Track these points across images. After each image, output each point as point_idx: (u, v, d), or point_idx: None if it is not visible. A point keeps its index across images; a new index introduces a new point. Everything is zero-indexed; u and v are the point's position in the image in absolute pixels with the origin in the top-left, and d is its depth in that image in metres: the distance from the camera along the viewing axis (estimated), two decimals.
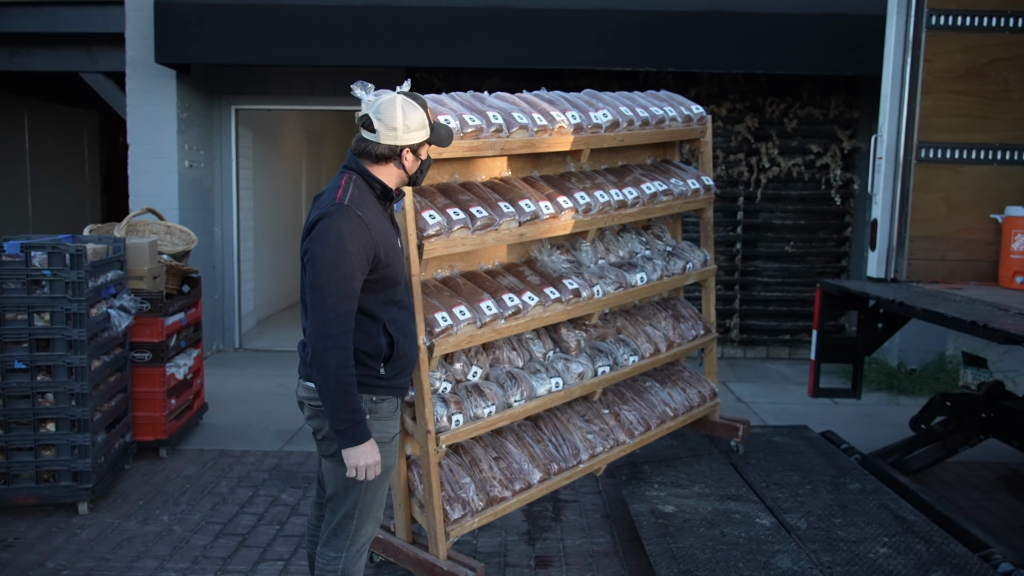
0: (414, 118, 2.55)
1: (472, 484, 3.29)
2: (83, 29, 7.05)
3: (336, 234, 2.41)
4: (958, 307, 3.63)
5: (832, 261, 7.82)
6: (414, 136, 2.55)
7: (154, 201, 6.51)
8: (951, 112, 4.56)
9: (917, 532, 3.44)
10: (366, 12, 6.42)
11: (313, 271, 2.43)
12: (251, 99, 7.77)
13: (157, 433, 4.82)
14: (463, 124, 3.16)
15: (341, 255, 2.41)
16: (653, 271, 4.05)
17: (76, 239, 4.45)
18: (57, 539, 3.80)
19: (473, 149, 3.23)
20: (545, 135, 3.50)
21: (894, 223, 4.62)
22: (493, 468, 3.40)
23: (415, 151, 2.59)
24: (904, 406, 6.08)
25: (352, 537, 2.65)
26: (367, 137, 2.56)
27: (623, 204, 3.84)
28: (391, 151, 2.55)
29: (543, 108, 3.56)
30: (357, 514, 2.63)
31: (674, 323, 4.31)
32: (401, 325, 2.66)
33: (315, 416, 2.62)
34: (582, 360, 3.71)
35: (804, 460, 4.35)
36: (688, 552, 3.27)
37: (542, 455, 3.56)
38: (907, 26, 4.52)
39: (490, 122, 3.27)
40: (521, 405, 3.39)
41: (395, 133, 2.52)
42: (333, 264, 2.40)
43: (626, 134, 3.90)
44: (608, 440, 3.81)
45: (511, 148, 3.38)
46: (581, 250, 3.91)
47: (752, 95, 7.61)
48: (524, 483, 3.43)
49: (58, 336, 3.95)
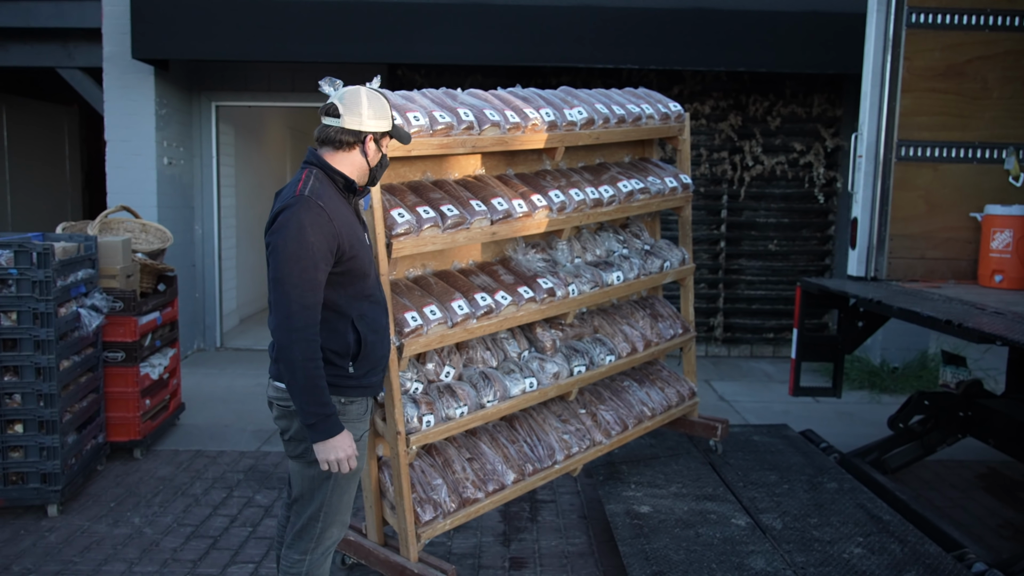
0: (378, 107, 2.55)
1: (444, 485, 3.25)
2: (59, 24, 6.95)
3: (297, 225, 2.38)
4: (935, 306, 3.61)
5: (816, 259, 7.82)
6: (377, 124, 2.55)
7: (132, 198, 6.44)
8: (931, 110, 4.55)
9: (892, 532, 3.42)
10: (347, 8, 6.35)
11: (275, 264, 2.39)
12: (231, 95, 7.69)
13: (131, 434, 4.76)
14: (433, 121, 3.12)
15: (303, 246, 2.38)
16: (630, 270, 4.02)
17: (47, 237, 4.38)
18: (24, 542, 3.73)
19: (443, 147, 3.18)
20: (518, 132, 3.46)
21: (874, 221, 4.61)
22: (466, 469, 3.36)
23: (377, 141, 2.58)
24: (886, 404, 6.08)
25: (317, 540, 2.61)
26: (329, 123, 2.54)
27: (599, 202, 3.80)
28: (355, 137, 2.53)
29: (516, 105, 3.52)
30: (323, 516, 2.59)
31: (652, 322, 4.28)
32: (370, 321, 2.61)
33: (283, 416, 2.58)
34: (557, 360, 3.68)
35: (782, 459, 4.33)
36: (662, 553, 3.24)
37: (517, 456, 3.53)
38: (887, 24, 4.50)
39: (461, 119, 3.22)
40: (494, 406, 3.35)
41: (359, 119, 2.52)
42: (295, 256, 2.37)
43: (602, 132, 3.86)
44: (584, 440, 3.78)
45: (482, 146, 3.34)
46: (557, 249, 3.87)
47: (735, 93, 7.59)
48: (498, 484, 3.39)
49: (25, 336, 3.89)
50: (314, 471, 2.54)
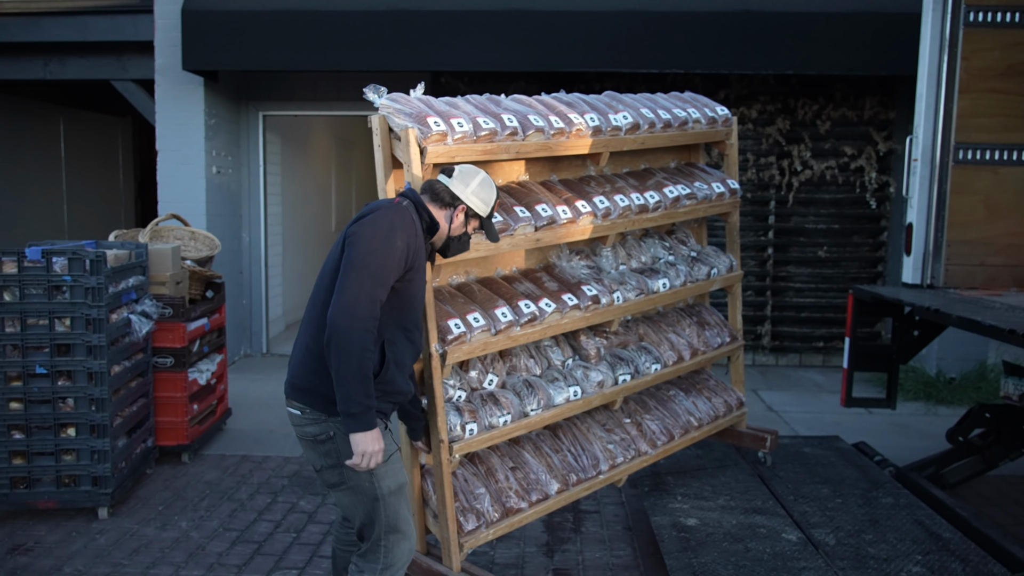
0: (485, 191, 2.74)
1: (487, 495, 3.21)
2: (114, 37, 7.15)
3: (388, 224, 2.49)
4: (997, 315, 3.47)
5: (868, 266, 7.61)
6: (475, 203, 2.72)
7: (182, 207, 6.57)
8: (990, 112, 4.39)
9: (952, 550, 3.28)
10: (391, 16, 6.40)
11: (356, 251, 2.44)
12: (278, 105, 7.81)
13: (179, 438, 4.83)
14: (476, 127, 3.10)
15: (388, 244, 2.46)
16: (676, 277, 3.94)
17: (99, 245, 4.48)
18: (75, 544, 3.81)
19: (487, 153, 3.16)
20: (562, 138, 3.41)
21: (930, 227, 4.46)
22: (509, 478, 3.32)
23: (468, 217, 2.73)
24: (942, 416, 5.87)
25: (385, 557, 2.62)
26: (440, 180, 2.72)
27: (644, 208, 3.74)
28: (452, 199, 2.70)
29: (560, 111, 3.48)
30: (384, 535, 2.61)
31: (699, 330, 4.19)
32: (398, 353, 2.60)
33: (310, 446, 2.59)
34: (602, 368, 3.62)
35: (835, 472, 4.20)
36: (710, 568, 3.15)
37: (560, 465, 3.48)
38: (943, 23, 4.36)
39: (505, 125, 3.20)
40: (538, 414, 3.31)
41: (464, 188, 2.70)
42: (379, 250, 2.44)
43: (647, 136, 3.80)
44: (629, 450, 3.71)
45: (526, 151, 3.31)
46: (601, 256, 3.81)
47: (783, 96, 7.44)
48: (541, 494, 3.34)
49: (78, 341, 3.97)
50: (360, 495, 2.56)
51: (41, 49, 7.35)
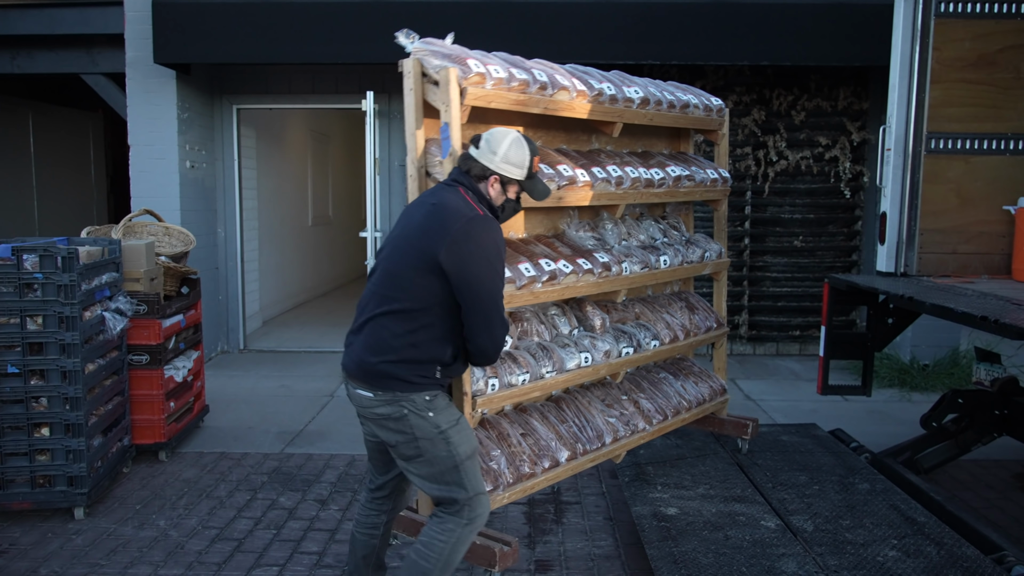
0: (516, 154, 2.68)
1: (503, 456, 3.19)
2: (83, 30, 7.02)
3: (495, 247, 2.56)
4: (969, 302, 3.52)
5: (843, 255, 7.70)
6: (507, 169, 2.68)
7: (155, 202, 6.48)
8: (961, 101, 4.44)
9: (928, 534, 3.34)
10: (366, 8, 6.35)
11: (481, 275, 2.53)
12: (252, 98, 7.72)
13: (156, 436, 4.78)
14: (511, 77, 3.11)
15: (499, 267, 2.58)
16: (675, 256, 4.03)
17: (72, 241, 4.41)
18: (52, 545, 3.76)
19: (520, 104, 3.18)
20: (584, 101, 3.46)
21: (904, 216, 4.51)
22: (522, 443, 3.30)
23: (503, 184, 2.71)
24: (917, 403, 5.96)
25: (469, 512, 2.69)
26: (470, 153, 2.70)
27: (650, 183, 3.85)
28: (482, 172, 2.68)
29: (580, 77, 3.55)
30: (468, 497, 2.68)
31: (689, 314, 4.24)
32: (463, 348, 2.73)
33: (383, 426, 2.67)
34: (607, 339, 3.66)
35: (812, 460, 4.25)
36: (690, 556, 3.18)
37: (568, 435, 3.49)
38: (915, 14, 4.41)
39: (535, 78, 3.23)
40: (553, 377, 3.33)
41: (492, 157, 2.67)
42: (499, 273, 2.58)
43: (655, 113, 3.89)
44: (628, 426, 3.74)
45: (554, 108, 3.34)
46: (606, 229, 3.88)
47: (759, 87, 7.49)
48: (552, 461, 3.33)
49: (51, 340, 3.91)
50: (439, 464, 2.64)
51: (8, 42, 7.22)
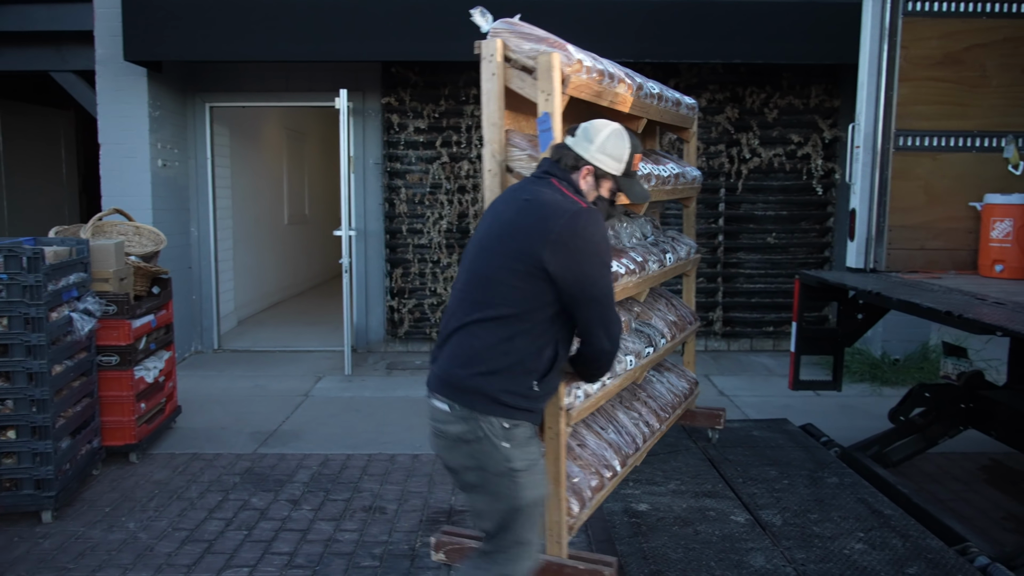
0: (615, 145, 2.43)
1: (582, 474, 3.07)
2: (52, 27, 6.93)
3: (603, 236, 2.32)
4: (935, 297, 3.57)
5: (815, 252, 7.77)
6: (603, 160, 2.41)
7: (127, 201, 6.40)
8: (929, 99, 4.50)
9: (894, 526, 3.38)
10: (339, 5, 6.31)
11: (594, 274, 2.29)
12: (225, 96, 7.65)
13: (126, 438, 4.73)
14: (592, 67, 2.96)
15: (609, 255, 2.38)
16: (674, 253, 4.00)
17: (38, 241, 4.35)
18: (18, 549, 3.70)
19: (595, 94, 3.04)
20: (629, 94, 3.37)
21: (873, 212, 4.56)
22: (582, 457, 3.19)
23: (597, 178, 2.43)
24: (887, 397, 6.03)
25: (505, 566, 2.43)
26: (566, 141, 2.45)
27: (663, 180, 3.80)
28: (575, 162, 2.42)
29: (624, 69, 3.49)
30: (514, 544, 2.41)
31: (674, 310, 4.23)
32: (563, 354, 2.45)
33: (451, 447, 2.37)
34: (633, 339, 3.55)
35: (783, 454, 4.30)
36: (660, 552, 3.20)
37: (613, 442, 3.39)
38: (883, 13, 4.46)
39: (608, 70, 3.13)
40: (614, 382, 3.18)
41: (588, 146, 2.41)
42: (609, 269, 2.36)
43: (663, 109, 3.87)
44: (646, 427, 3.68)
45: (618, 102, 3.25)
46: (622, 227, 3.80)
47: (732, 85, 7.54)
48: (611, 470, 3.23)
49: (16, 341, 3.85)
50: (499, 502, 2.36)
51: None
